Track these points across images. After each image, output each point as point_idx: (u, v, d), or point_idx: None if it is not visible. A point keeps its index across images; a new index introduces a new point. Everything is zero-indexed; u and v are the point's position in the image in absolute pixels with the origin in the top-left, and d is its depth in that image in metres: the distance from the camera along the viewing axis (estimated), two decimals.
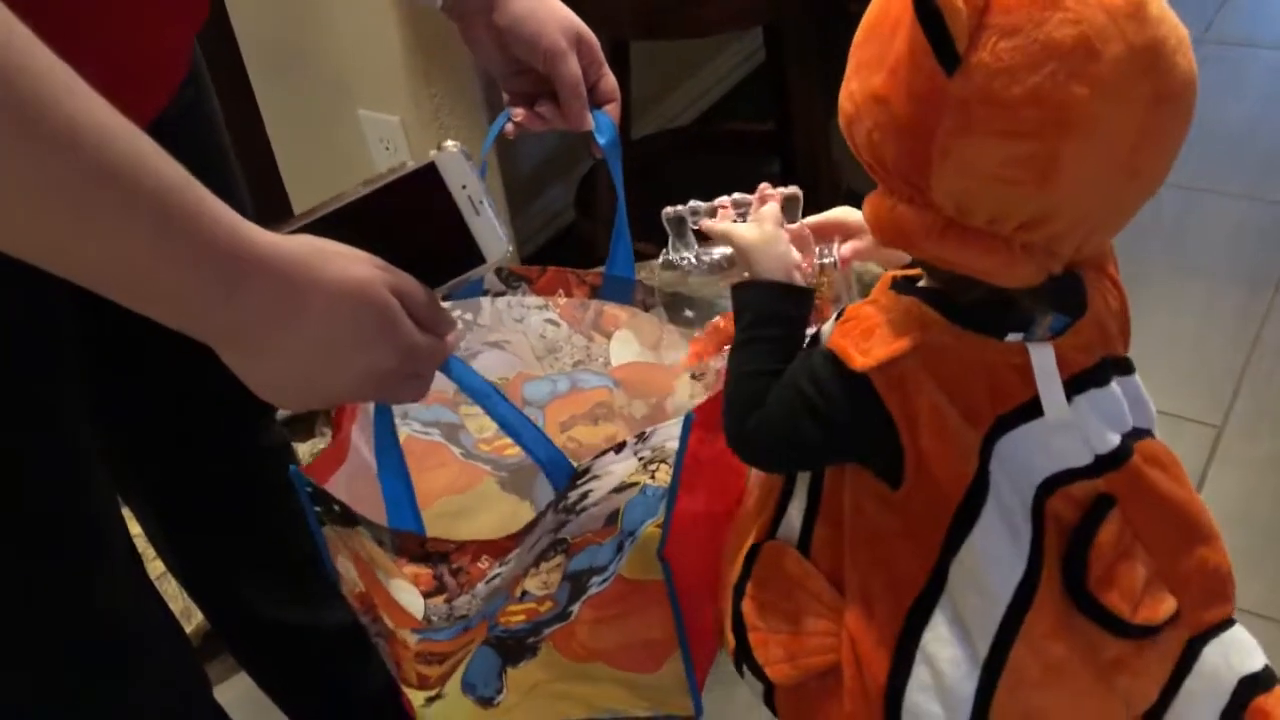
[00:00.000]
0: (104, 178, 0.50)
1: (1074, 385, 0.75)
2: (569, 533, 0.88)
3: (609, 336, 1.06)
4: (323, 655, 1.20)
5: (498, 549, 0.83)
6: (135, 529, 1.00)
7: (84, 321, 0.80)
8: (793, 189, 0.91)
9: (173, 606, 1.02)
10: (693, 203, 0.93)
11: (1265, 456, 1.63)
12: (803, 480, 0.83)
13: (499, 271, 1.05)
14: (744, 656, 0.86)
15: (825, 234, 0.92)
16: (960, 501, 0.75)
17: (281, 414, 1.15)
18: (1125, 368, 0.80)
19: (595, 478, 0.84)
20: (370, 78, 1.77)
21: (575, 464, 0.82)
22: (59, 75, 0.49)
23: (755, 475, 0.90)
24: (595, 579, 0.92)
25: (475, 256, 0.71)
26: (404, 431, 1.07)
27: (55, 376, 0.79)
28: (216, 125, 0.93)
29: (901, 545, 0.77)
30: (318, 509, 0.88)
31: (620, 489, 0.87)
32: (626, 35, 1.71)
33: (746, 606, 0.86)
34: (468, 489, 1.05)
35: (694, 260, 0.97)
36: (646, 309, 1.03)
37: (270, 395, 0.63)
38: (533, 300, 1.06)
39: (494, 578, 0.84)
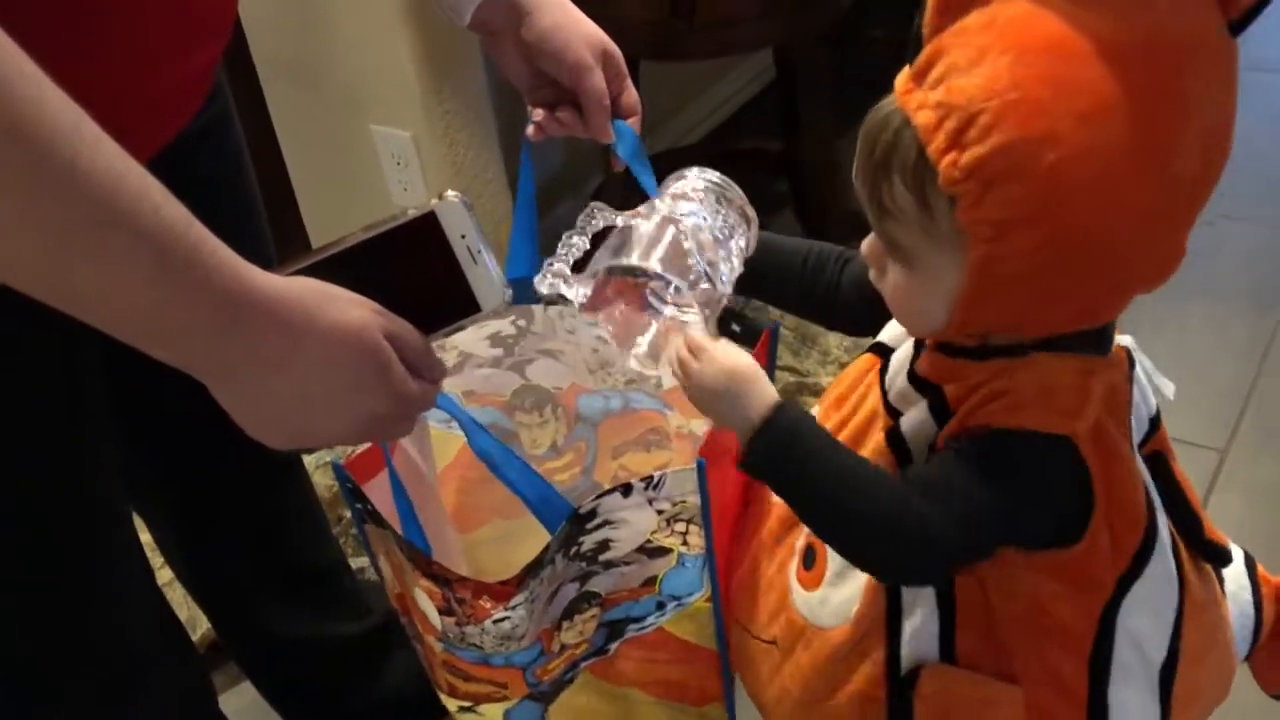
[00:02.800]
0: (104, 219, 0.51)
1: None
2: (600, 587, 0.89)
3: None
4: (330, 669, 1.20)
5: (497, 593, 0.84)
6: (145, 536, 1.01)
7: (102, 337, 0.81)
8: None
9: (178, 614, 1.03)
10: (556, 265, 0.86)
11: (1269, 481, 1.63)
12: (922, 599, 0.78)
13: None
14: None
15: None
16: (1144, 529, 0.76)
17: None
18: None
19: (610, 524, 0.84)
20: (383, 94, 1.78)
21: (574, 505, 0.83)
22: (66, 117, 0.50)
23: (837, 609, 0.82)
24: (633, 626, 0.93)
25: (471, 305, 0.71)
26: (460, 434, 1.07)
27: (77, 398, 0.80)
28: (237, 139, 0.95)
29: (1064, 606, 0.76)
30: (358, 505, 0.89)
31: (651, 553, 0.87)
32: (638, 56, 1.72)
33: None
34: (515, 515, 1.06)
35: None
36: None
37: (260, 434, 0.63)
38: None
39: (502, 619, 0.84)
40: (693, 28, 1.61)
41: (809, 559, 0.84)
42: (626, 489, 0.83)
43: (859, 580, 0.80)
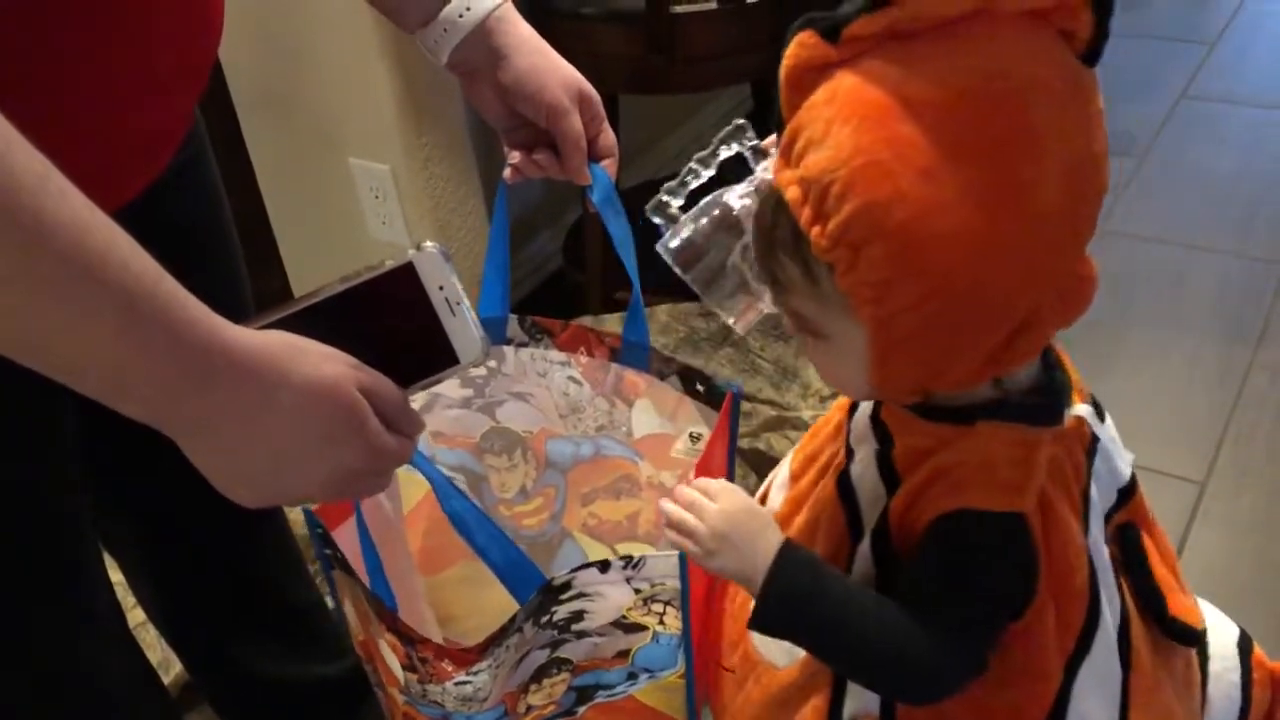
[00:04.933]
0: (70, 272, 0.50)
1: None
2: (572, 654, 0.88)
3: (630, 404, 1.05)
4: (306, 711, 1.18)
5: (459, 658, 0.83)
6: (115, 575, 0.99)
7: None
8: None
9: (150, 656, 1.01)
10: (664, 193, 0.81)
11: (1247, 513, 1.63)
12: None
13: (522, 321, 1.04)
14: None
15: None
16: (1089, 602, 0.74)
17: None
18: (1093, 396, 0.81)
19: (584, 596, 0.83)
20: (361, 127, 1.78)
21: (548, 575, 0.82)
22: (32, 170, 0.49)
23: (789, 648, 0.81)
24: (603, 693, 0.92)
25: (449, 357, 0.70)
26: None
27: (46, 436, 0.79)
28: (213, 179, 0.94)
29: (1010, 692, 0.74)
30: (328, 551, 0.88)
31: (626, 628, 0.87)
32: (618, 90, 1.73)
33: None
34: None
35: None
36: (662, 378, 1.03)
37: (231, 491, 0.62)
38: (555, 355, 1.05)
39: (464, 683, 0.83)
40: (672, 62, 1.61)
41: None
42: (604, 565, 0.82)
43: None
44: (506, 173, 0.93)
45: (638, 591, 0.85)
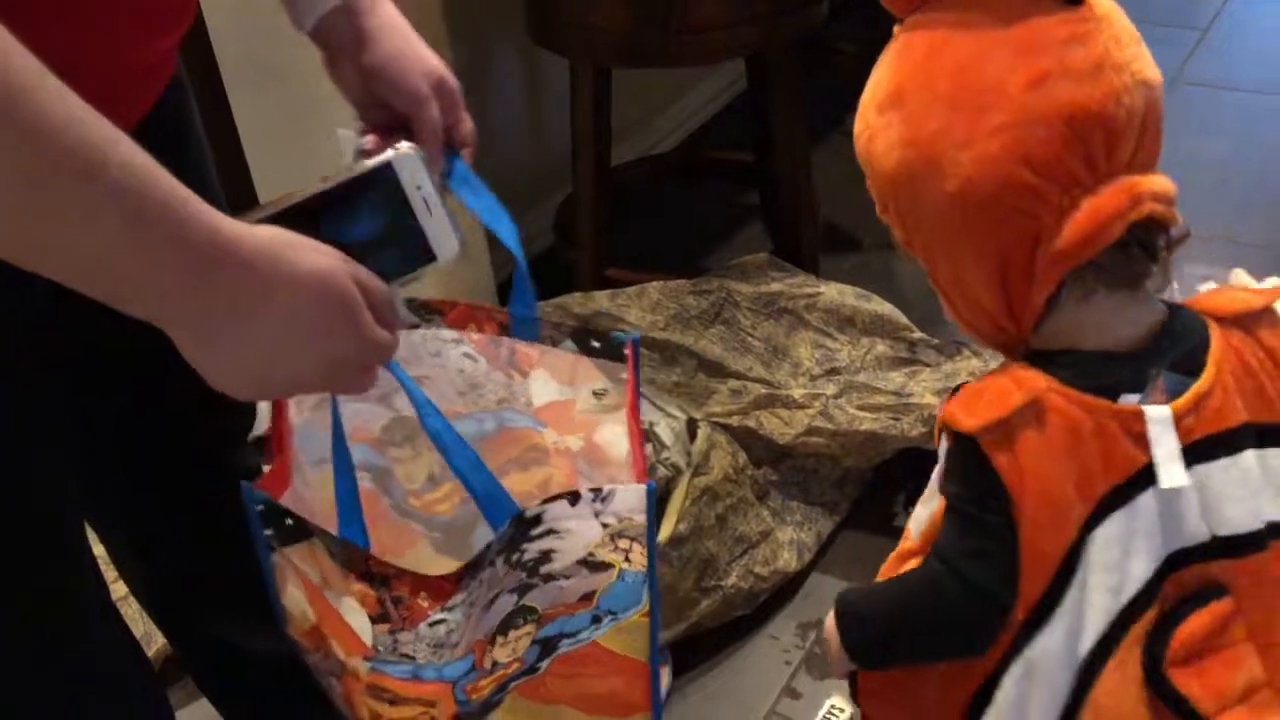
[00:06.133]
0: (75, 168, 0.52)
1: (1195, 452, 0.73)
2: (538, 602, 0.88)
3: (526, 375, 1.05)
4: (292, 686, 1.17)
5: (436, 589, 0.83)
6: (99, 549, 0.98)
7: (61, 342, 0.79)
8: None
9: (133, 630, 1.00)
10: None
11: None
12: None
13: (410, 303, 1.03)
14: None
15: None
16: (1051, 580, 0.74)
17: (254, 435, 1.13)
18: (1275, 438, 0.75)
19: (554, 533, 0.84)
20: None
21: (520, 507, 0.82)
22: (30, 68, 0.50)
23: (917, 523, 0.88)
24: (567, 641, 0.92)
25: (427, 254, 0.74)
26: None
27: (28, 405, 0.77)
28: (196, 131, 0.94)
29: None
30: (268, 532, 0.87)
31: (593, 567, 0.87)
32: (614, 63, 1.71)
33: None
34: (403, 554, 1.05)
35: None
36: (555, 344, 1.02)
37: (224, 384, 0.64)
38: (448, 334, 1.03)
39: (438, 622, 0.84)
40: (669, 34, 1.60)
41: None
42: (574, 497, 0.84)
43: (932, 506, 0.84)
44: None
45: (605, 526, 0.86)
